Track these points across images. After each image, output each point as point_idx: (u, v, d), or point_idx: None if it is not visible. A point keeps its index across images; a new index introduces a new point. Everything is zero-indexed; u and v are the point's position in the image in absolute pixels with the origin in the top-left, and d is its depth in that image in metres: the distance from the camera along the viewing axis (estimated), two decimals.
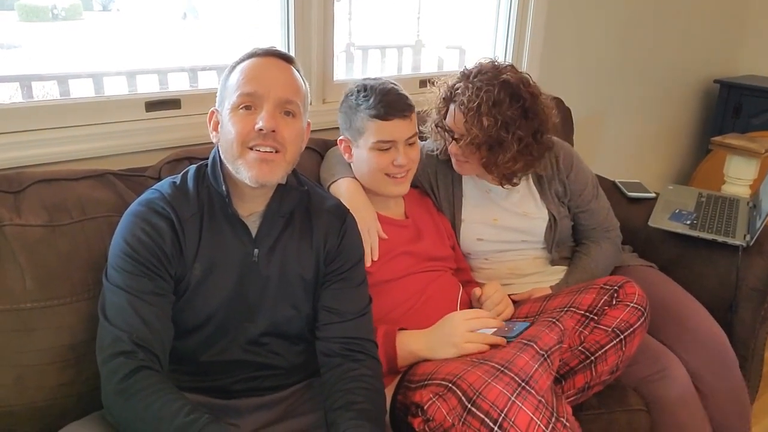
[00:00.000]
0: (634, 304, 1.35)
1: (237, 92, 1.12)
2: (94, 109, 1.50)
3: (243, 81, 1.12)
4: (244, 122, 1.11)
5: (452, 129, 1.58)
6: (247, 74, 1.13)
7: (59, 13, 3.45)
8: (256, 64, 1.15)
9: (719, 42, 3.33)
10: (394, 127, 1.43)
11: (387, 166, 1.45)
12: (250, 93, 1.11)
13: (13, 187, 1.24)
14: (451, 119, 1.58)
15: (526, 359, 1.14)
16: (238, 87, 1.12)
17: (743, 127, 3.12)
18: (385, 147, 1.44)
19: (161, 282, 1.10)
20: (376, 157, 1.45)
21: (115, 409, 1.02)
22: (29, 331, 1.16)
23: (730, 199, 2.04)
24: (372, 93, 1.43)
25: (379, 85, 1.44)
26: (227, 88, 1.15)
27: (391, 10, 4.06)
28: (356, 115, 1.45)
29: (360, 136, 1.46)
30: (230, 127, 1.12)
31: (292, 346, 1.25)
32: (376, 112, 1.41)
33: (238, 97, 1.12)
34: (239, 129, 1.11)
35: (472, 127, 1.51)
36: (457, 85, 1.57)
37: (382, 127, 1.42)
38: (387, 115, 1.42)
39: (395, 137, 1.44)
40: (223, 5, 2.93)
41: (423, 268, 1.51)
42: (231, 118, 1.12)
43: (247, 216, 1.19)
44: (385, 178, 1.47)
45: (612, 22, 2.67)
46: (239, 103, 1.12)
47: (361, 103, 1.44)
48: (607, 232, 1.76)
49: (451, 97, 1.59)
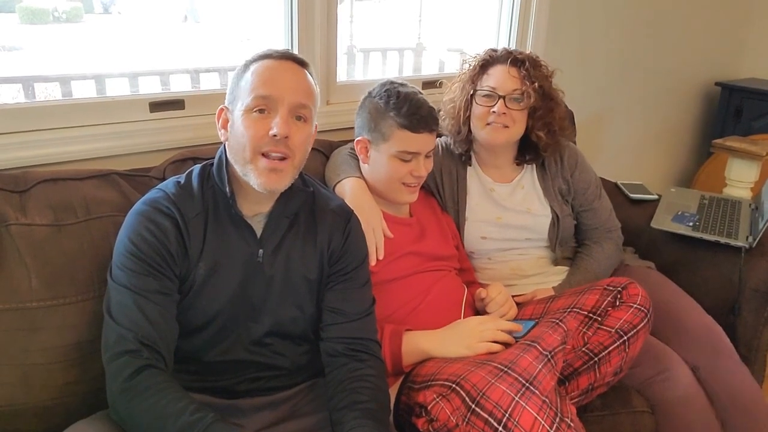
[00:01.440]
0: (637, 305, 1.35)
1: (251, 94, 1.11)
2: (98, 110, 1.50)
3: (258, 83, 1.11)
4: (257, 126, 1.10)
5: (496, 88, 1.60)
6: (262, 76, 1.12)
7: (60, 15, 3.46)
8: (271, 66, 1.14)
9: (721, 45, 3.33)
10: (421, 140, 1.44)
11: (405, 175, 1.46)
12: (266, 96, 1.11)
13: (19, 187, 1.25)
14: (498, 78, 1.61)
15: (530, 360, 1.14)
16: (252, 89, 1.11)
17: (744, 130, 3.12)
18: (408, 158, 1.45)
19: (166, 281, 1.10)
20: (395, 165, 1.45)
21: (121, 407, 1.02)
22: (35, 330, 1.16)
23: (732, 201, 2.05)
24: (405, 102, 1.42)
25: (411, 94, 1.44)
26: (240, 87, 1.14)
27: (393, 13, 4.07)
28: (384, 120, 1.44)
29: (383, 141, 1.45)
30: (243, 130, 1.11)
31: (296, 347, 1.25)
32: (408, 123, 1.41)
33: (253, 100, 1.11)
34: (253, 133, 1.10)
35: (537, 74, 1.59)
36: (500, 50, 1.64)
37: (410, 139, 1.43)
38: (418, 128, 1.42)
39: (420, 149, 1.44)
40: (224, 8, 2.94)
41: (427, 268, 1.51)
42: (244, 120, 1.11)
43: (251, 216, 1.19)
44: (401, 187, 1.48)
45: (614, 26, 2.68)
46: (254, 106, 1.11)
47: (392, 110, 1.43)
48: (609, 233, 1.77)
49: (493, 59, 1.63)
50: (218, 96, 1.65)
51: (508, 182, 1.73)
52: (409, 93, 1.44)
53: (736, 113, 3.21)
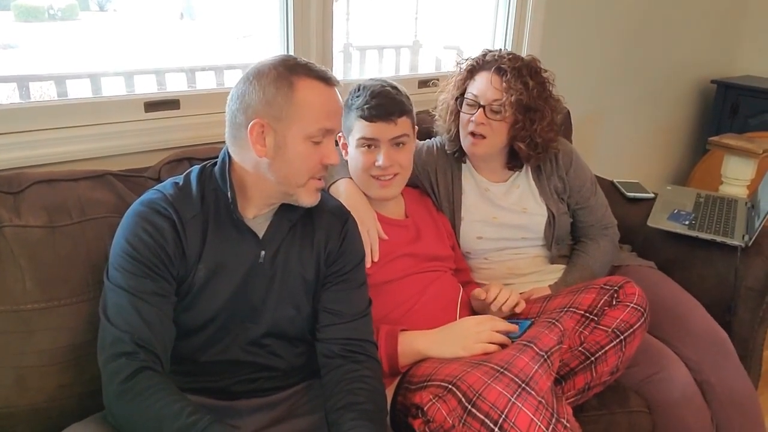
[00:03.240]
0: (633, 305, 1.35)
1: (316, 125, 1.11)
2: (93, 110, 1.50)
3: (322, 115, 1.12)
4: (315, 157, 1.13)
5: (478, 96, 1.59)
6: (325, 107, 1.13)
7: (55, 13, 3.44)
8: (326, 93, 1.14)
9: (717, 42, 3.33)
10: (377, 128, 1.44)
11: (370, 166, 1.46)
12: (330, 129, 1.14)
13: (13, 188, 1.24)
14: (480, 86, 1.59)
15: (526, 360, 1.14)
16: (317, 119, 1.11)
17: (740, 128, 3.12)
18: (367, 144, 1.45)
19: (163, 283, 1.10)
20: (360, 155, 1.46)
21: (117, 410, 1.02)
22: (30, 332, 1.16)
23: (728, 199, 2.05)
24: (364, 93, 1.44)
25: (373, 86, 1.45)
26: (293, 108, 1.10)
27: (389, 11, 4.06)
28: (349, 113, 1.47)
29: (350, 134, 1.48)
30: (303, 157, 1.13)
31: (292, 348, 1.25)
32: (363, 112, 1.43)
33: (318, 131, 1.12)
34: (311, 166, 1.14)
35: (516, 86, 1.55)
36: (488, 55, 1.61)
37: (366, 127, 1.44)
38: (372, 117, 1.42)
39: (377, 136, 1.44)
40: (220, 6, 2.93)
41: (423, 269, 1.51)
42: (303, 148, 1.12)
43: (252, 218, 1.19)
44: (370, 179, 1.48)
45: (610, 23, 2.68)
46: (314, 135, 1.12)
47: (354, 102, 1.46)
48: (605, 229, 1.77)
49: (480, 65, 1.62)
50: (213, 95, 1.65)
51: (503, 182, 1.73)
52: (372, 86, 1.45)
53: (732, 110, 3.21)
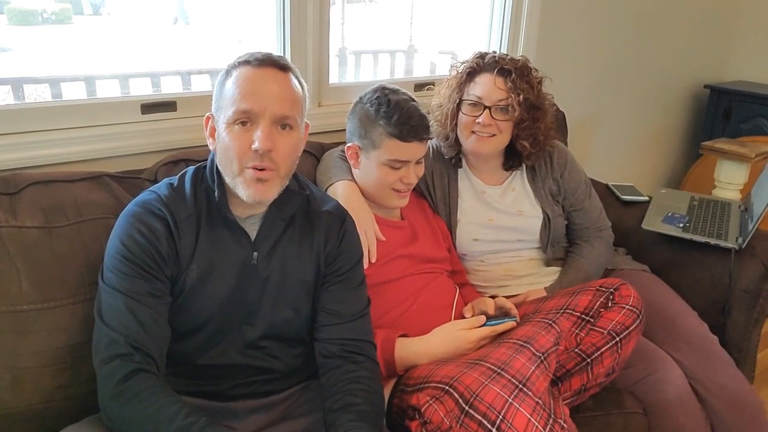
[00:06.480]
0: (629, 307, 1.36)
1: (232, 108, 1.09)
2: (90, 112, 1.49)
3: (239, 96, 1.10)
4: (240, 140, 1.09)
5: (482, 98, 1.59)
6: (242, 88, 1.10)
7: (49, 16, 3.44)
8: (251, 76, 1.11)
9: (709, 47, 3.35)
10: (411, 149, 1.43)
11: (395, 182, 1.46)
12: (246, 110, 1.09)
13: (9, 189, 1.24)
14: (483, 87, 1.60)
15: (523, 361, 1.14)
16: (233, 102, 1.10)
17: (733, 132, 3.15)
18: (397, 166, 1.44)
19: (157, 283, 1.10)
20: (385, 173, 1.45)
21: (112, 412, 1.02)
22: (25, 333, 1.16)
23: (722, 202, 2.06)
24: (395, 110, 1.41)
25: (402, 102, 1.42)
26: (223, 97, 1.13)
27: (384, 15, 4.08)
28: (374, 128, 1.43)
29: (374, 149, 1.45)
30: (227, 143, 1.10)
31: (291, 349, 1.24)
32: (398, 132, 1.40)
33: (234, 113, 1.09)
34: (236, 147, 1.09)
35: (522, 85, 1.56)
36: (488, 57, 1.62)
37: (400, 147, 1.42)
38: (408, 137, 1.41)
39: (410, 158, 1.44)
40: (214, 10, 2.93)
41: (419, 270, 1.51)
42: (228, 133, 1.10)
43: (245, 218, 1.18)
44: (391, 192, 1.48)
45: (604, 28, 2.70)
46: (235, 119, 1.10)
47: (382, 118, 1.42)
48: (599, 231, 1.78)
49: (480, 67, 1.62)
50: (209, 98, 1.63)
51: (499, 185, 1.73)
52: (400, 101, 1.43)
53: (724, 115, 3.23)
